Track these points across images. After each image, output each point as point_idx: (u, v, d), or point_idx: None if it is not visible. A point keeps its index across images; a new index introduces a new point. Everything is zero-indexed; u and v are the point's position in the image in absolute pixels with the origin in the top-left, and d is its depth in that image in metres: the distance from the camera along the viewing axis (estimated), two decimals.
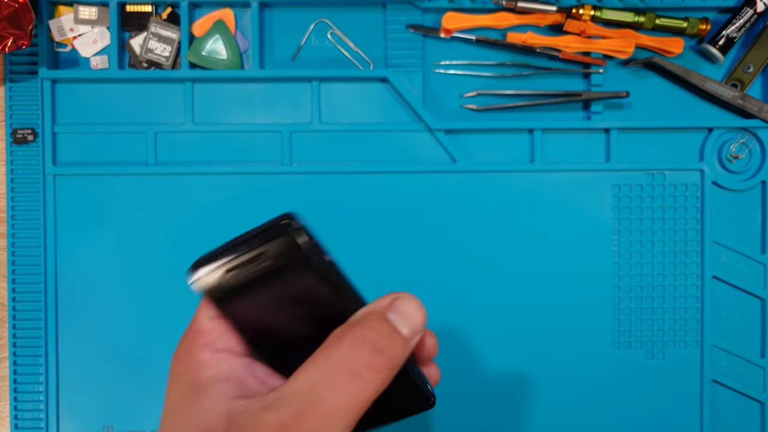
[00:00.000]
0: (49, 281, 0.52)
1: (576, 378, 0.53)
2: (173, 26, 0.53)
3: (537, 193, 0.53)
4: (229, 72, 0.52)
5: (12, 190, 0.52)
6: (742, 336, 0.54)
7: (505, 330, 0.53)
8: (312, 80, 0.53)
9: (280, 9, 0.53)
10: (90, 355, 0.53)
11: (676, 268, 0.53)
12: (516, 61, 0.54)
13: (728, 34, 0.52)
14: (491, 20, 0.52)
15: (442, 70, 0.54)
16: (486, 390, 0.53)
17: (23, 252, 0.53)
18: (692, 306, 0.53)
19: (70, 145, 0.53)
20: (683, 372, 0.53)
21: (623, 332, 0.53)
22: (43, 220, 0.52)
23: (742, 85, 0.53)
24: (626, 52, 0.52)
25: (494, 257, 0.53)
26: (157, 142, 0.53)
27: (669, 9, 0.53)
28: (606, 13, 0.52)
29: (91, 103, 0.53)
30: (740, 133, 0.53)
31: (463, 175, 0.53)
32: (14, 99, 0.52)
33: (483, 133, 0.53)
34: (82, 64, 0.53)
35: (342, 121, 0.53)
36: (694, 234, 0.53)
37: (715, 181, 0.53)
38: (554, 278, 0.53)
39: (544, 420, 0.53)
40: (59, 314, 0.53)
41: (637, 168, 0.53)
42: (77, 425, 0.53)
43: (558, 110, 0.54)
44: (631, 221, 0.53)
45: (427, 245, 0.53)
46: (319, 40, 0.54)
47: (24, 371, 0.53)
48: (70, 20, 0.53)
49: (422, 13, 0.53)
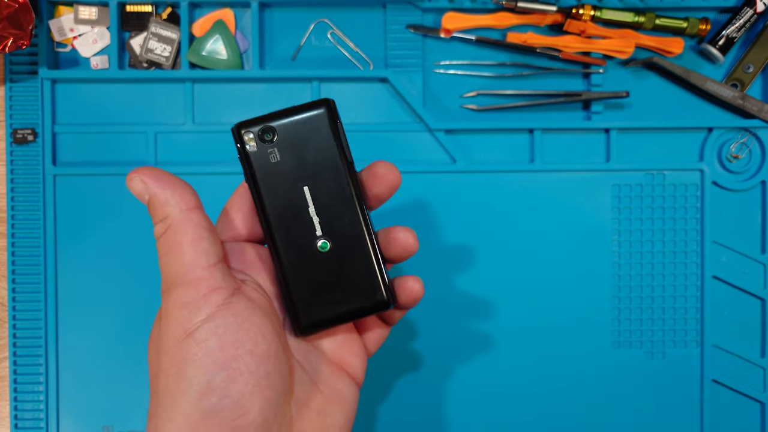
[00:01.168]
0: (49, 281, 0.52)
1: (576, 378, 0.53)
2: (173, 26, 0.53)
3: (537, 193, 0.53)
4: (229, 72, 0.52)
5: (12, 190, 0.52)
6: (743, 336, 0.54)
7: (505, 330, 0.53)
8: (312, 80, 0.53)
9: (280, 9, 0.53)
10: (90, 355, 0.53)
11: (676, 268, 0.53)
12: (516, 61, 0.54)
13: (728, 34, 0.52)
14: (491, 20, 0.53)
15: (442, 70, 0.54)
16: (486, 389, 0.53)
17: (23, 252, 0.53)
18: (692, 306, 0.53)
19: (70, 145, 0.53)
20: (683, 372, 0.53)
21: (623, 332, 0.53)
22: (43, 220, 0.52)
23: (742, 85, 0.53)
24: (626, 52, 0.52)
25: (494, 257, 0.53)
26: (157, 142, 0.53)
27: (669, 9, 0.53)
28: (606, 13, 0.52)
29: (91, 103, 0.53)
30: (740, 133, 0.53)
31: (463, 175, 0.53)
32: (14, 99, 0.52)
33: (483, 133, 0.53)
34: (82, 64, 0.53)
35: (342, 120, 0.53)
36: (694, 234, 0.53)
37: (715, 181, 0.53)
38: (554, 278, 0.53)
39: (544, 419, 0.53)
40: (59, 314, 0.53)
41: (637, 168, 0.53)
42: (77, 425, 0.53)
43: (558, 110, 0.54)
44: (631, 221, 0.53)
45: (427, 245, 0.53)
46: (319, 40, 0.54)
47: (24, 371, 0.53)
48: (70, 20, 0.53)
49: (422, 13, 0.53)
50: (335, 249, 0.32)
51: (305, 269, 0.32)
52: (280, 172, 0.32)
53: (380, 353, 0.52)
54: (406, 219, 0.53)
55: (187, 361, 0.28)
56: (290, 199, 0.32)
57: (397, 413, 0.53)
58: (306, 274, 0.32)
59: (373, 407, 0.53)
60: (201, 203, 0.31)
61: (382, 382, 0.53)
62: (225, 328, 0.28)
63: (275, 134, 0.32)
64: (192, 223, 0.30)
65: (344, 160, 0.33)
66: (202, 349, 0.28)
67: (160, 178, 0.31)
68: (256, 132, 0.32)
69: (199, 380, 0.27)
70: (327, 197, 0.32)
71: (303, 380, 0.32)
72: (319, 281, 0.32)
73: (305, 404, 0.32)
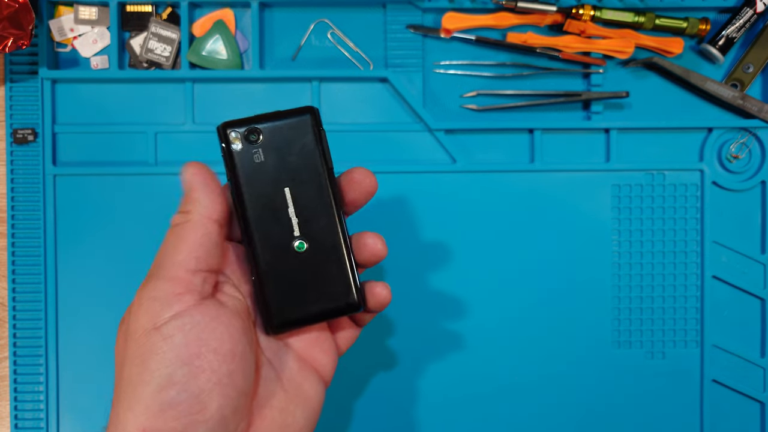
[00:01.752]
0: (49, 281, 0.52)
1: (576, 378, 0.53)
2: (173, 26, 0.53)
3: (537, 193, 0.53)
4: (229, 72, 0.52)
5: (12, 190, 0.53)
6: (742, 336, 0.54)
7: (505, 329, 0.53)
8: (312, 80, 0.53)
9: (280, 9, 0.53)
10: (90, 355, 0.53)
11: (676, 268, 0.53)
12: (516, 61, 0.54)
13: (728, 34, 0.52)
14: (491, 20, 0.53)
15: (442, 70, 0.54)
16: (485, 389, 0.53)
17: (23, 252, 0.53)
18: (692, 306, 0.53)
19: (71, 145, 0.53)
20: (683, 372, 0.53)
21: (623, 332, 0.53)
22: (43, 220, 0.52)
23: (741, 85, 0.53)
24: (626, 52, 0.52)
25: (494, 257, 0.53)
26: (158, 142, 0.53)
27: (669, 9, 0.53)
28: (606, 13, 0.52)
29: (91, 103, 0.53)
30: (740, 133, 0.53)
31: (463, 175, 0.53)
32: (14, 99, 0.53)
33: (483, 133, 0.53)
34: (82, 64, 0.54)
35: (342, 121, 0.53)
36: (694, 234, 0.53)
37: (715, 181, 0.53)
38: (554, 278, 0.53)
39: (544, 419, 0.53)
40: (59, 314, 0.53)
41: (637, 168, 0.53)
42: (77, 425, 0.53)
43: (558, 110, 0.54)
44: (631, 221, 0.54)
45: (427, 245, 0.53)
46: (319, 40, 0.54)
47: (24, 371, 0.53)
48: (71, 20, 0.53)
49: (422, 13, 0.53)
50: (311, 250, 0.33)
51: (280, 268, 0.33)
52: (262, 172, 0.33)
53: (388, 355, 0.52)
54: (406, 219, 0.53)
55: (152, 354, 0.29)
56: (271, 199, 0.33)
57: (398, 413, 0.53)
58: (281, 273, 0.33)
59: (380, 410, 0.53)
60: (226, 220, 0.33)
61: (384, 382, 0.53)
62: (192, 325, 0.29)
63: (260, 135, 0.33)
64: (204, 229, 0.31)
65: (325, 166, 0.34)
66: (168, 343, 0.29)
67: (204, 179, 0.32)
68: (242, 132, 0.33)
69: (161, 373, 0.29)
70: (306, 199, 0.33)
71: (269, 378, 0.33)
72: (293, 281, 0.33)
73: (268, 402, 0.33)
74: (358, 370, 0.53)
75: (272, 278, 0.33)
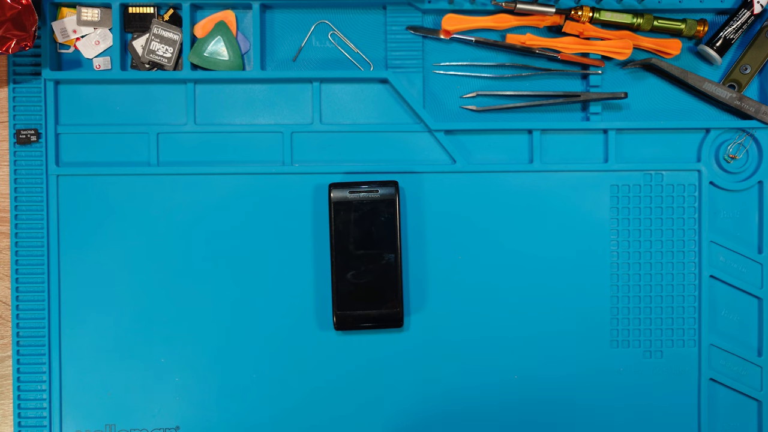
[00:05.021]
0: (52, 280, 0.53)
1: (574, 376, 0.54)
2: (175, 28, 0.53)
3: (536, 193, 0.54)
4: (230, 73, 0.53)
5: (15, 191, 0.53)
6: (740, 335, 0.54)
7: (504, 329, 0.54)
8: (313, 81, 0.53)
9: (281, 11, 0.54)
10: (92, 354, 0.53)
11: (674, 267, 0.54)
12: (515, 62, 0.54)
13: (725, 35, 0.53)
14: (491, 22, 0.53)
15: (442, 71, 0.54)
16: (485, 388, 0.54)
17: (26, 251, 0.53)
18: (690, 305, 0.54)
19: (73, 145, 0.53)
20: (681, 371, 0.54)
21: (621, 331, 0.54)
22: (46, 219, 0.53)
23: (739, 86, 0.53)
24: (624, 53, 0.52)
25: (493, 256, 0.54)
26: (159, 143, 0.53)
27: (667, 11, 0.53)
28: (604, 14, 0.52)
29: (93, 104, 0.53)
30: (737, 133, 0.54)
31: (463, 175, 0.53)
32: (17, 100, 0.53)
33: (482, 133, 0.54)
34: (84, 65, 0.54)
35: (343, 121, 0.54)
36: (691, 234, 0.54)
37: (713, 181, 0.54)
38: (553, 277, 0.54)
39: (542, 418, 0.54)
40: (62, 313, 0.53)
41: (635, 168, 0.54)
42: (80, 423, 0.53)
43: (557, 111, 0.54)
44: (629, 221, 0.54)
45: (427, 245, 0.53)
46: (319, 42, 0.54)
47: (27, 370, 0.53)
48: (73, 22, 0.53)
49: (422, 15, 0.54)
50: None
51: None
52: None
53: (384, 353, 0.52)
54: (406, 218, 0.53)
55: None
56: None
57: (399, 413, 0.54)
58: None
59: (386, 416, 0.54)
60: None
61: (384, 383, 0.54)
62: None
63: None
64: None
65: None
66: None
67: None
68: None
69: None
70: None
71: None
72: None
73: None
74: (355, 369, 0.53)
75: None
